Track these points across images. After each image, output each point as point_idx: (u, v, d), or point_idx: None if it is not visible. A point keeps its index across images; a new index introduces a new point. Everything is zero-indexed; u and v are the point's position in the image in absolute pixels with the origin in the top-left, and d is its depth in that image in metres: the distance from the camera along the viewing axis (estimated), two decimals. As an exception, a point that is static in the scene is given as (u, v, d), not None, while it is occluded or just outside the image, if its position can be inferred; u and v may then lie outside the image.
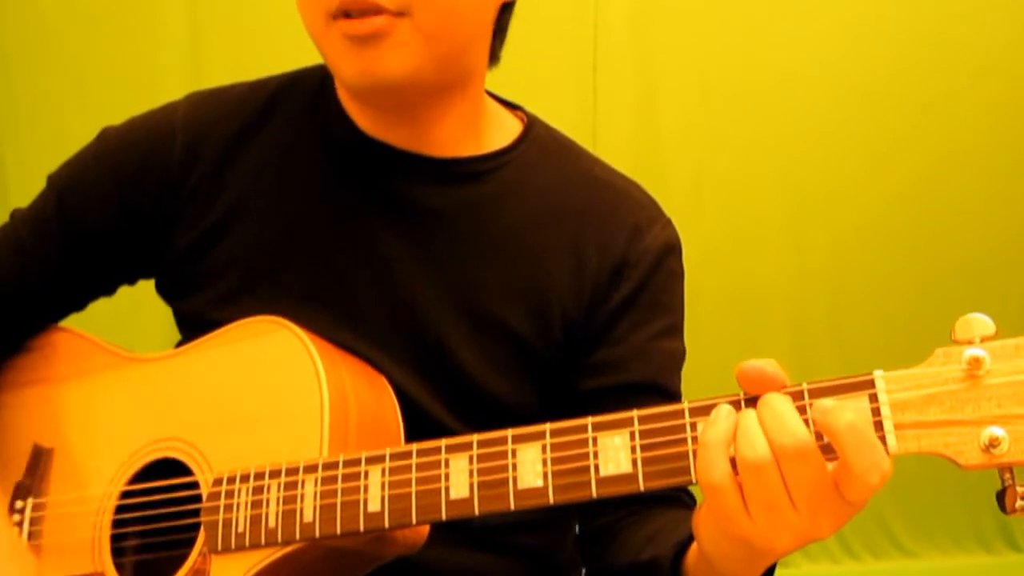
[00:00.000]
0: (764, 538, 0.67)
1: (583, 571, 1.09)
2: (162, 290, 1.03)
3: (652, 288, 0.98)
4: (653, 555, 0.84)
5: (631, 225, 0.99)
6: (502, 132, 1.01)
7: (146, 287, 1.06)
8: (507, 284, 0.96)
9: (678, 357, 1.01)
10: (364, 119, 0.97)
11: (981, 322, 0.66)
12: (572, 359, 0.98)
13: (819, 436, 0.66)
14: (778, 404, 0.66)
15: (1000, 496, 0.65)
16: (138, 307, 1.39)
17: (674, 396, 0.99)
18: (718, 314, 2.62)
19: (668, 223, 1.02)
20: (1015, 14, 2.72)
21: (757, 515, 0.66)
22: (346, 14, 0.85)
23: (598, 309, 0.97)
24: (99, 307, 1.08)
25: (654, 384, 0.98)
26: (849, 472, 0.64)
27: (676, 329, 1.01)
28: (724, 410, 0.68)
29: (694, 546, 0.78)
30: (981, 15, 2.71)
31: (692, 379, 1.01)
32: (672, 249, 1.01)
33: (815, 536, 0.67)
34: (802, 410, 0.67)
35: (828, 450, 0.65)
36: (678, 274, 1.02)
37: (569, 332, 0.97)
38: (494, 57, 0.99)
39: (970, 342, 0.65)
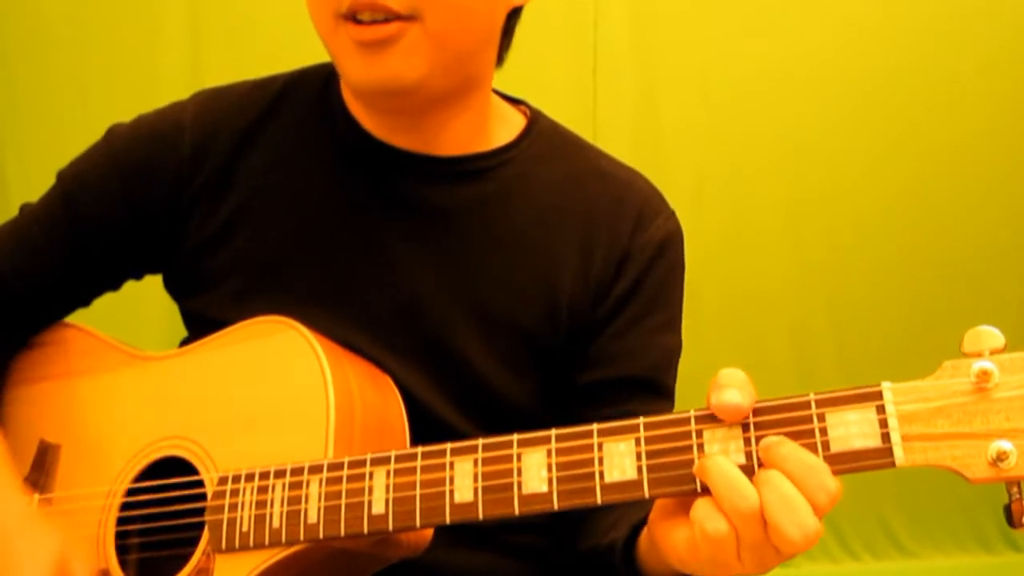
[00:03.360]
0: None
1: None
2: (170, 287, 1.03)
3: (651, 281, 0.99)
4: (612, 538, 0.85)
5: (635, 217, 0.99)
6: (506, 128, 1.01)
7: (147, 283, 1.06)
8: (515, 282, 0.96)
9: (674, 352, 1.02)
10: (369, 120, 0.97)
11: (990, 335, 0.65)
12: (574, 350, 0.98)
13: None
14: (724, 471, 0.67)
15: (1007, 510, 0.64)
16: (139, 303, 1.39)
17: (668, 393, 1.00)
18: (718, 314, 2.62)
19: (671, 215, 1.02)
20: (1015, 14, 2.71)
21: (706, 566, 0.70)
22: (355, 18, 0.84)
23: (602, 301, 0.97)
24: (100, 302, 1.08)
25: (650, 380, 0.98)
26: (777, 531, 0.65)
27: (674, 323, 1.02)
28: None
29: (646, 530, 0.79)
30: (981, 15, 2.71)
31: (692, 380, 1.01)
32: (672, 242, 1.01)
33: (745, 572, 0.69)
34: (807, 420, 0.67)
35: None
36: (677, 266, 1.02)
37: (574, 323, 0.97)
38: (499, 60, 0.99)
39: (979, 355, 0.65)
